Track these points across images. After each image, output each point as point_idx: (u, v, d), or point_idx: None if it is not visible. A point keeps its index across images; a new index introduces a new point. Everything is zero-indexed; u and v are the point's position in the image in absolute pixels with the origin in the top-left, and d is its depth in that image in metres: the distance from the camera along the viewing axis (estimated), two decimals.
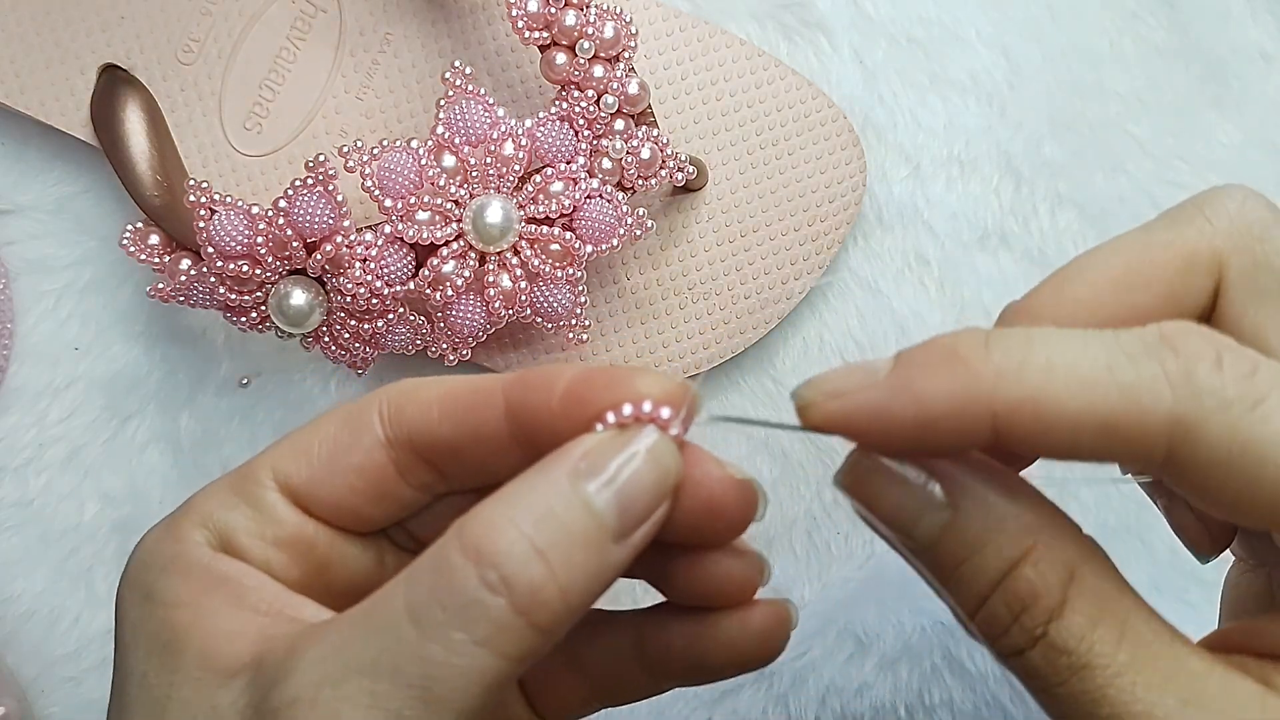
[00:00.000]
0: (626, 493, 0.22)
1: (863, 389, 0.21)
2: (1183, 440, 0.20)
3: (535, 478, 0.22)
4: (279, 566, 0.25)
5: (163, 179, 0.35)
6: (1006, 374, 0.21)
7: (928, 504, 0.22)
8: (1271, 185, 0.39)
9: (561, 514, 0.21)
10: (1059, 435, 0.20)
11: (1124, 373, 0.20)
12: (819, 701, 0.37)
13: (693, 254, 0.37)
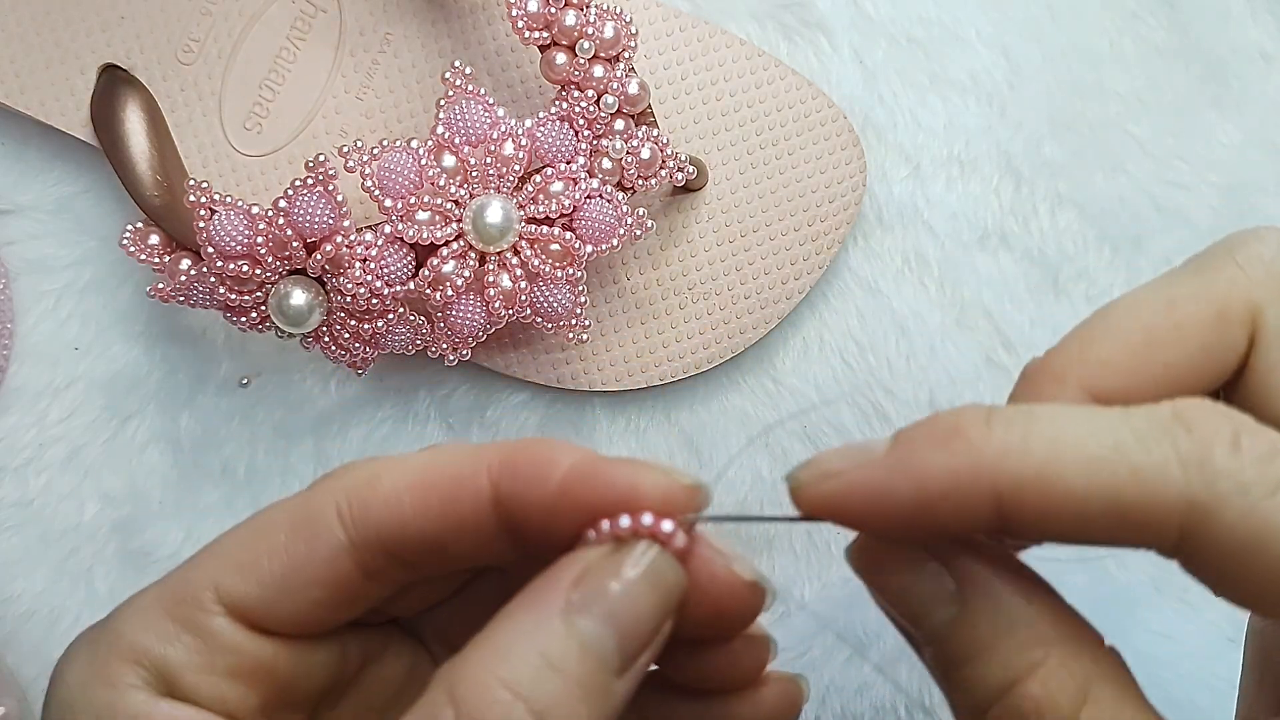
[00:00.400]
0: (625, 623, 0.20)
1: (858, 468, 0.20)
2: (1197, 526, 0.19)
3: (524, 616, 0.20)
4: (235, 700, 0.22)
5: (163, 179, 0.35)
6: (1010, 451, 0.19)
7: (938, 595, 0.21)
8: (1271, 185, 0.39)
9: (557, 660, 0.20)
10: (1065, 516, 0.19)
11: (1134, 453, 0.19)
12: (819, 701, 0.37)
13: (693, 254, 0.37)
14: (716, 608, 0.22)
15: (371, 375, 0.39)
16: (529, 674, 0.19)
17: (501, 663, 0.20)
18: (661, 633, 0.21)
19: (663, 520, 0.21)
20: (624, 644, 0.20)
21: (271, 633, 0.22)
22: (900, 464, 0.20)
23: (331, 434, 0.39)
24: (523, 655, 0.20)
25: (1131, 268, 0.39)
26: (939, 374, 0.38)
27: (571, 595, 0.20)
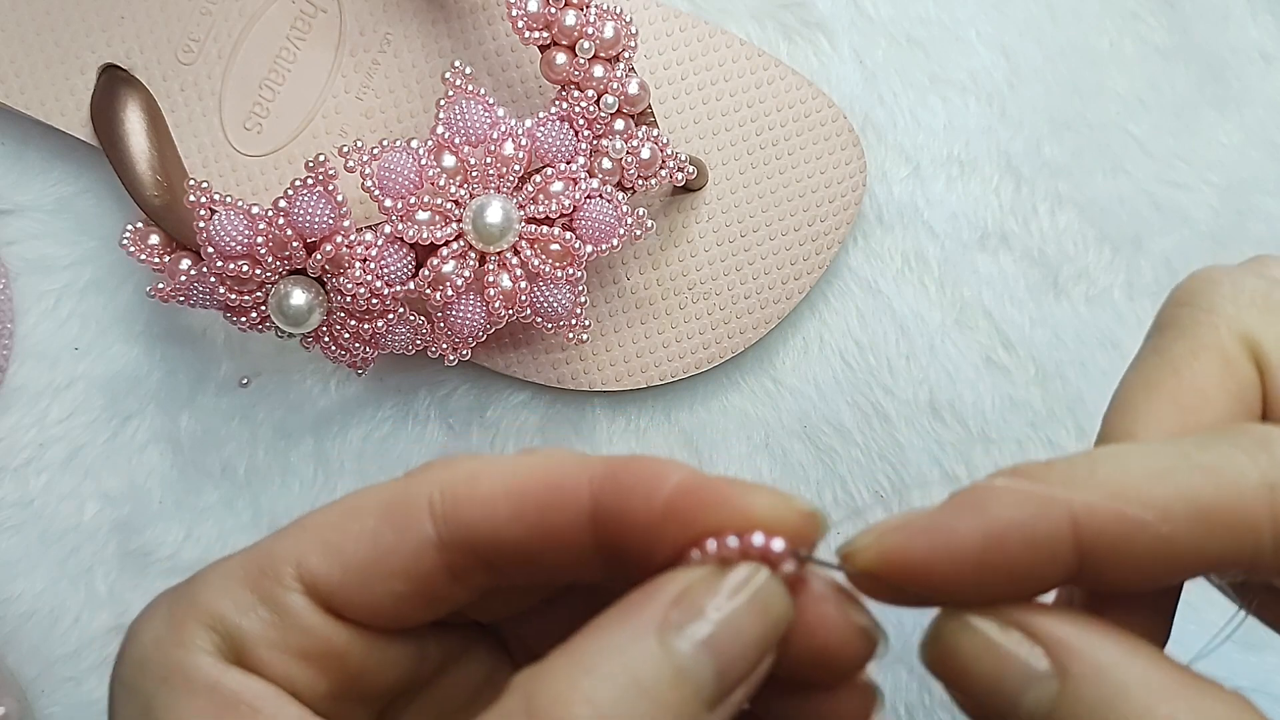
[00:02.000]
0: (726, 650, 0.19)
1: (920, 517, 0.19)
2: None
3: (617, 630, 0.19)
4: (304, 682, 0.21)
5: (163, 179, 0.35)
6: (1078, 480, 0.18)
7: (1031, 673, 0.19)
8: (1271, 185, 0.39)
9: (648, 682, 0.18)
10: (1150, 535, 0.18)
11: (1201, 456, 0.18)
12: None
13: (693, 254, 0.37)
14: (822, 650, 0.20)
15: (371, 375, 0.39)
16: (615, 693, 0.18)
17: (586, 676, 0.18)
18: (762, 666, 0.19)
19: (774, 540, 0.20)
20: (721, 673, 0.19)
21: (349, 620, 0.21)
22: (963, 505, 0.19)
23: (331, 434, 0.39)
24: (610, 672, 0.18)
25: (1131, 268, 0.39)
26: (939, 374, 0.38)
27: (670, 614, 0.19)
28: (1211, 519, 0.18)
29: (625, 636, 0.19)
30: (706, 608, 0.19)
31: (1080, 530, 0.18)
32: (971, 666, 0.19)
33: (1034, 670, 0.19)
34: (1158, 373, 0.21)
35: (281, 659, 0.21)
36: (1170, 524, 0.18)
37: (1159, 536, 0.18)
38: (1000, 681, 0.19)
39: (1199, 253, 0.39)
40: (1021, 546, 0.18)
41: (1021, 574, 0.19)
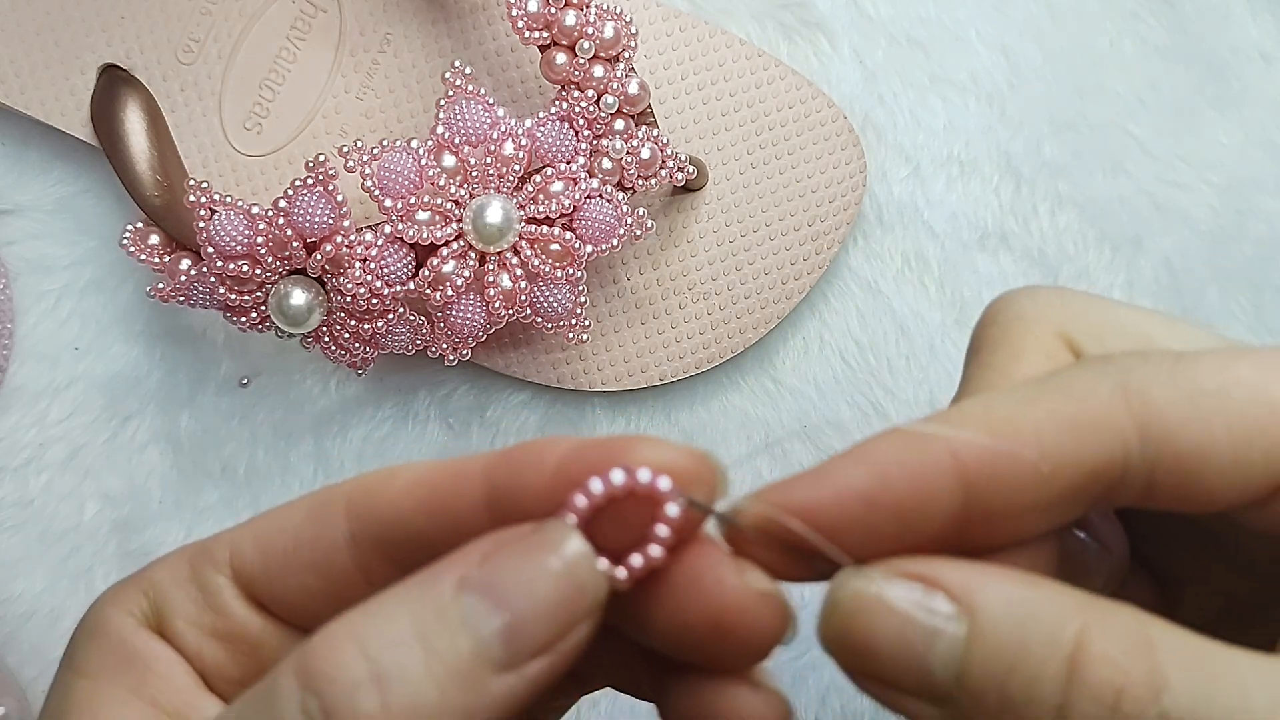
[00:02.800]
0: (520, 611, 0.18)
1: (803, 472, 0.19)
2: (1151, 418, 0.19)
3: (414, 585, 0.18)
4: (212, 661, 0.22)
5: (163, 179, 0.35)
6: (952, 420, 0.19)
7: (936, 622, 0.18)
8: (1271, 185, 0.39)
9: (428, 634, 0.18)
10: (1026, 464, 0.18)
11: (1056, 383, 0.19)
12: (819, 702, 0.37)
13: (693, 254, 0.37)
14: (719, 620, 0.19)
15: (371, 375, 0.39)
16: (389, 635, 0.18)
17: (365, 623, 0.18)
18: (566, 641, 0.18)
19: (659, 477, 0.19)
20: (513, 636, 0.18)
21: (270, 612, 0.22)
22: (847, 454, 0.19)
23: (331, 434, 0.39)
24: (391, 617, 0.18)
25: (1131, 268, 0.39)
26: (939, 374, 0.38)
27: (471, 571, 0.18)
28: (1079, 430, 0.19)
29: (419, 588, 0.18)
30: (508, 566, 0.18)
31: (961, 464, 0.18)
32: (874, 629, 0.18)
33: (940, 616, 0.18)
34: (987, 382, 0.21)
35: (195, 634, 0.22)
36: (1041, 446, 0.18)
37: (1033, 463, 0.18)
38: (906, 639, 0.18)
39: (1199, 253, 0.39)
40: (906, 484, 0.18)
41: (909, 514, 0.19)
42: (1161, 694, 0.17)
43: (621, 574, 0.19)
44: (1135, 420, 0.19)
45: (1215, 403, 0.19)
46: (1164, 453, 0.19)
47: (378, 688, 0.17)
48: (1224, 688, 0.17)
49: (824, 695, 0.37)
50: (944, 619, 0.18)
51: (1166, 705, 0.17)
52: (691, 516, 0.19)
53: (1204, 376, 0.19)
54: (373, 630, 0.18)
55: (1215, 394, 0.19)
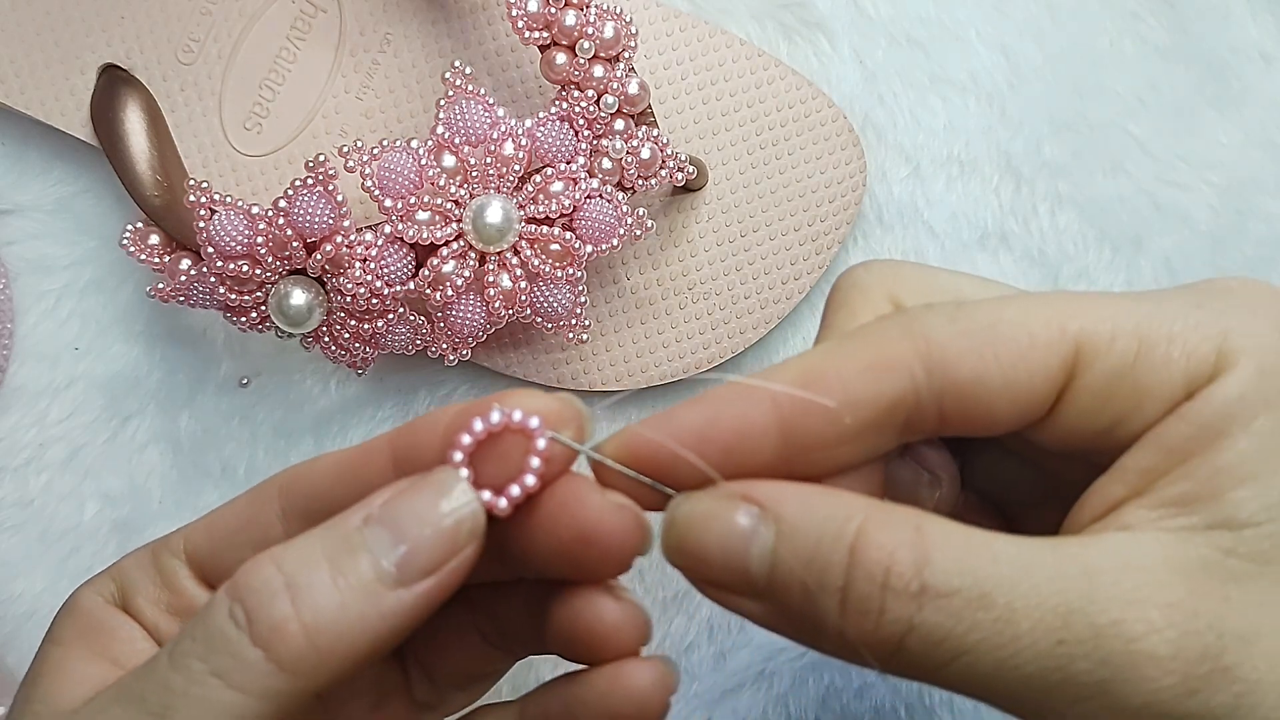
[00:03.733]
0: (410, 536, 0.22)
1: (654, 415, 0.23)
2: (933, 355, 0.22)
3: (331, 522, 0.22)
4: (168, 631, 0.25)
5: (163, 179, 0.35)
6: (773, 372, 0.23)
7: (750, 529, 0.22)
8: (1271, 185, 0.39)
9: (329, 553, 0.22)
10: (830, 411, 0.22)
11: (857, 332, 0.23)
12: (819, 703, 0.37)
13: (693, 254, 0.37)
14: (584, 530, 0.23)
15: (371, 375, 0.39)
16: (301, 556, 0.22)
17: (284, 549, 0.22)
18: (452, 563, 0.22)
19: (530, 416, 0.22)
20: (406, 559, 0.22)
21: (215, 587, 0.24)
22: (688, 401, 0.23)
23: (331, 434, 0.39)
24: (305, 545, 0.22)
25: (1131, 268, 0.39)
26: None
27: (374, 509, 0.22)
28: (873, 371, 0.22)
29: (331, 526, 0.22)
30: (399, 501, 0.22)
31: (778, 407, 0.22)
32: (703, 538, 0.22)
33: (751, 523, 0.22)
34: (825, 340, 0.24)
35: (154, 609, 0.25)
36: (842, 388, 0.22)
37: (833, 406, 0.22)
38: (728, 546, 0.22)
39: (1199, 253, 0.39)
40: (732, 423, 0.22)
41: (738, 448, 0.22)
42: (923, 569, 0.20)
43: (503, 503, 0.23)
44: (920, 358, 0.22)
45: (985, 338, 0.22)
46: (946, 383, 0.22)
47: (290, 595, 0.21)
48: (977, 561, 0.21)
49: (824, 697, 0.37)
50: (756, 526, 0.22)
51: (926, 577, 0.20)
52: (561, 452, 0.23)
53: (977, 317, 0.22)
54: (290, 554, 0.22)
55: (985, 330, 0.22)
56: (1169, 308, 0.22)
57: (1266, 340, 0.22)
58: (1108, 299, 0.23)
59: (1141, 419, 0.22)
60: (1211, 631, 0.20)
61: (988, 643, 0.20)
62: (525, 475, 0.22)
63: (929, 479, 0.26)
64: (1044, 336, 0.22)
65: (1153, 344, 0.22)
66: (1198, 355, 0.22)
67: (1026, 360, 0.22)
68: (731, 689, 0.37)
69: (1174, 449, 0.22)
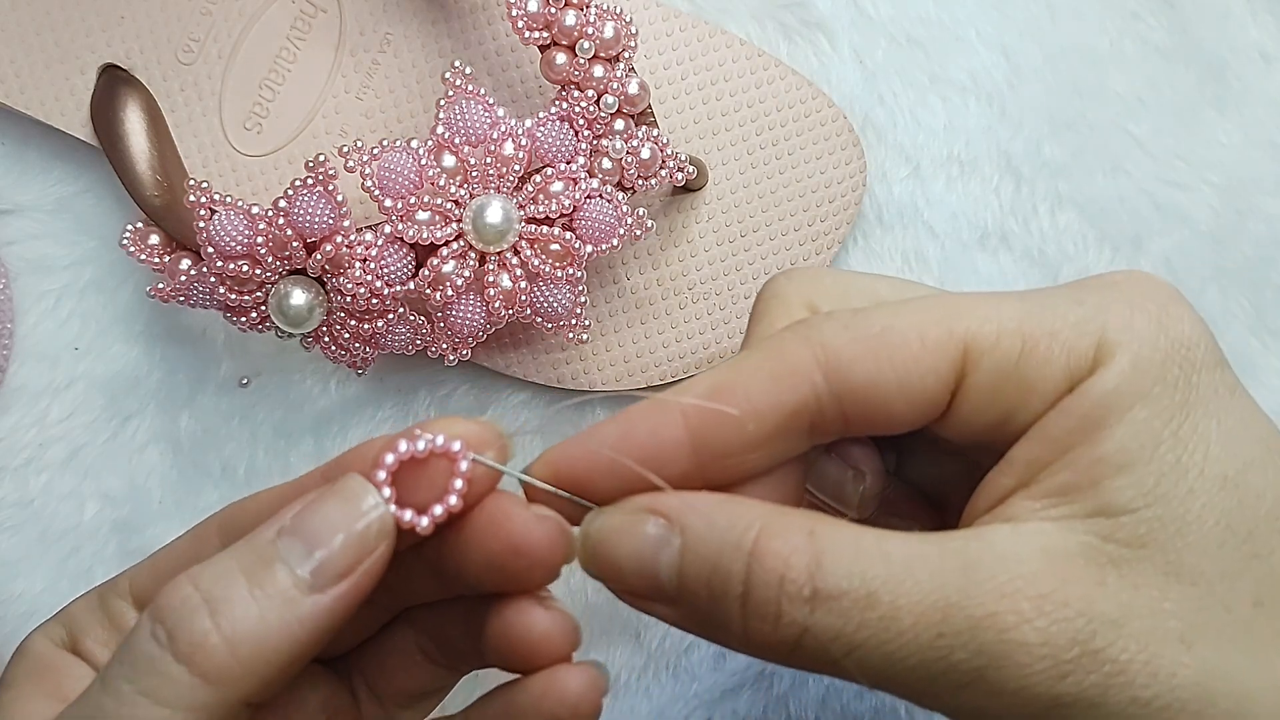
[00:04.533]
0: (321, 542, 0.23)
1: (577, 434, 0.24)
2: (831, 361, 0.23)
3: (246, 538, 0.23)
4: None
5: (163, 179, 0.35)
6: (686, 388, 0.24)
7: (658, 540, 0.23)
8: (1271, 185, 0.39)
9: (246, 567, 0.22)
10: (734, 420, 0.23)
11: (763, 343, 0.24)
12: (819, 703, 0.37)
13: (693, 254, 0.37)
14: (510, 542, 0.24)
15: (371, 375, 0.39)
16: (218, 571, 0.22)
17: (201, 567, 0.23)
18: (363, 566, 0.23)
19: (453, 440, 0.23)
20: (319, 565, 0.22)
21: None
22: (608, 419, 0.24)
23: (331, 434, 0.39)
24: (222, 562, 0.23)
25: (1131, 267, 0.39)
26: None
27: (287, 521, 0.23)
28: (776, 380, 0.23)
29: (246, 542, 0.23)
30: (312, 511, 0.23)
31: (688, 420, 0.23)
32: (616, 552, 0.23)
33: (657, 535, 0.23)
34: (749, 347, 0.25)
35: (103, 651, 0.26)
36: (747, 399, 0.23)
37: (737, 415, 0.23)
38: (640, 556, 0.23)
39: (1199, 253, 0.39)
40: (645, 437, 0.23)
41: (652, 461, 0.23)
42: (815, 574, 0.22)
43: (424, 522, 0.24)
44: (819, 365, 0.23)
45: (878, 343, 0.23)
46: (845, 388, 0.23)
47: (209, 610, 0.22)
48: (867, 563, 0.22)
49: (824, 696, 0.37)
50: (664, 537, 0.23)
51: (817, 581, 0.22)
52: (484, 473, 0.24)
53: (870, 323, 0.23)
54: (207, 572, 0.23)
55: (878, 336, 0.23)
56: (1051, 306, 0.24)
57: (1143, 333, 0.23)
58: (995, 299, 0.24)
59: (1029, 413, 0.23)
60: (1081, 618, 0.21)
61: (875, 639, 0.22)
62: (448, 495, 0.24)
63: (854, 474, 0.27)
64: (934, 339, 0.23)
65: (1035, 341, 0.23)
66: (1077, 351, 0.23)
67: (919, 362, 0.23)
68: (731, 689, 0.37)
69: (1056, 441, 0.23)
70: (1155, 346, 0.23)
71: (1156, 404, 0.23)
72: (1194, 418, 0.23)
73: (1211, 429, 0.23)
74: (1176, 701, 0.21)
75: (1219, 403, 0.23)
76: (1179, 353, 0.23)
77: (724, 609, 0.22)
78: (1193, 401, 0.23)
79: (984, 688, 0.21)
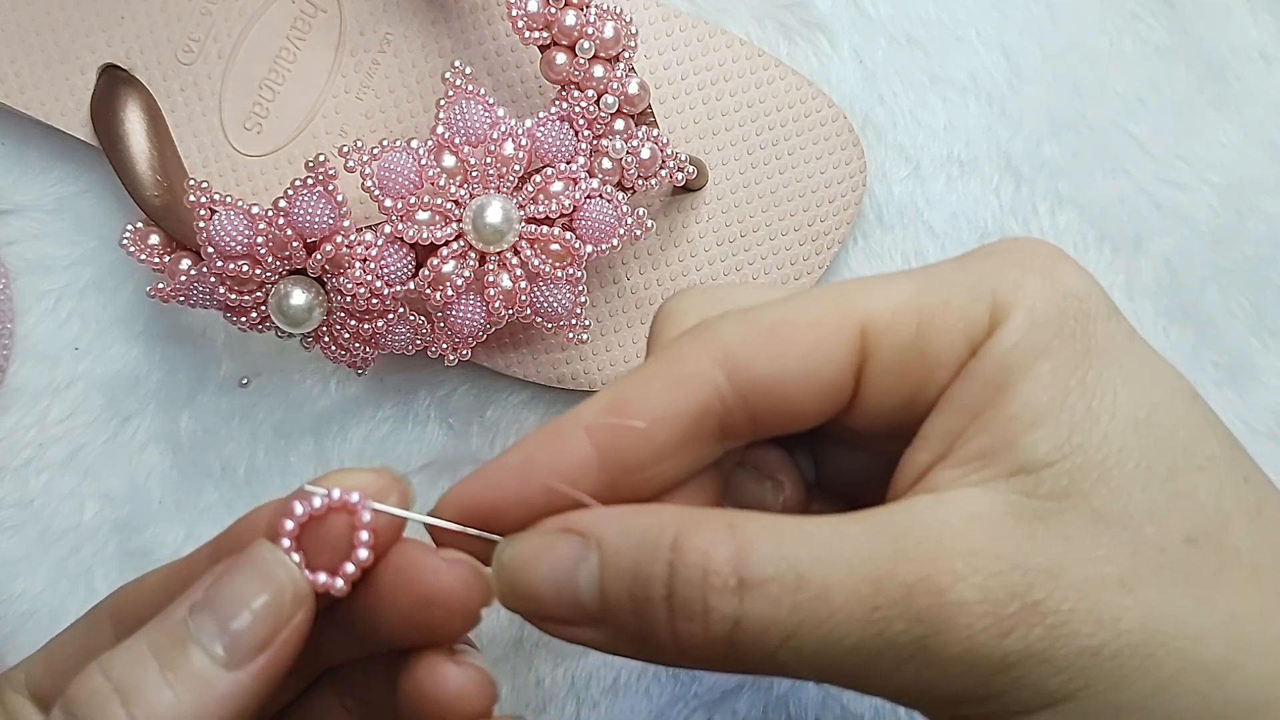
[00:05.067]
0: (233, 616, 0.22)
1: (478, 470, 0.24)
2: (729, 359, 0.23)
3: (155, 619, 0.22)
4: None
5: (163, 179, 0.35)
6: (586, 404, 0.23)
7: (575, 558, 0.22)
8: (1271, 185, 0.39)
9: (157, 650, 0.22)
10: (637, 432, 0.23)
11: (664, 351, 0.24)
12: (819, 703, 0.37)
13: (693, 254, 0.37)
14: (425, 594, 0.23)
15: (371, 375, 0.39)
16: (130, 659, 0.21)
17: (111, 655, 0.22)
18: (281, 636, 0.22)
19: (350, 492, 0.23)
20: (234, 640, 0.22)
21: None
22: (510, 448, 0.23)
23: (331, 434, 0.39)
24: (131, 647, 0.22)
25: (1131, 268, 0.39)
26: None
27: (197, 598, 0.22)
28: (676, 386, 0.23)
29: (156, 623, 0.22)
30: (221, 585, 0.22)
31: (592, 436, 0.23)
32: (532, 576, 0.22)
33: (572, 553, 0.22)
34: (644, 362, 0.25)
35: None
36: (648, 408, 0.23)
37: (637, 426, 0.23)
38: (557, 575, 0.22)
39: (1199, 253, 0.39)
40: (550, 460, 0.23)
41: (560, 481, 0.23)
42: (739, 563, 0.21)
43: (339, 583, 0.23)
44: (719, 365, 0.23)
45: (775, 335, 0.23)
46: (748, 385, 0.23)
47: (122, 700, 0.21)
48: (790, 546, 0.21)
49: (824, 696, 0.37)
50: (581, 554, 0.22)
51: (742, 570, 0.21)
52: (389, 521, 0.23)
53: (765, 316, 0.23)
54: (117, 659, 0.22)
55: (774, 328, 0.23)
56: (940, 277, 0.24)
57: (1034, 290, 0.23)
58: (886, 280, 0.24)
59: (935, 386, 0.23)
60: (1016, 570, 0.21)
61: (810, 621, 0.21)
62: (357, 550, 0.23)
63: (771, 485, 0.26)
64: (829, 324, 0.23)
65: (930, 313, 0.23)
66: (973, 316, 0.23)
67: (818, 349, 0.23)
68: (731, 689, 0.37)
69: (966, 407, 0.22)
70: (1048, 301, 0.23)
71: (1057, 356, 0.22)
72: (1097, 366, 0.22)
73: (1116, 375, 0.22)
74: (1126, 648, 0.21)
75: (1118, 350, 0.23)
76: (1072, 305, 0.23)
77: (650, 618, 0.22)
78: (1093, 350, 0.23)
79: (926, 658, 0.21)
